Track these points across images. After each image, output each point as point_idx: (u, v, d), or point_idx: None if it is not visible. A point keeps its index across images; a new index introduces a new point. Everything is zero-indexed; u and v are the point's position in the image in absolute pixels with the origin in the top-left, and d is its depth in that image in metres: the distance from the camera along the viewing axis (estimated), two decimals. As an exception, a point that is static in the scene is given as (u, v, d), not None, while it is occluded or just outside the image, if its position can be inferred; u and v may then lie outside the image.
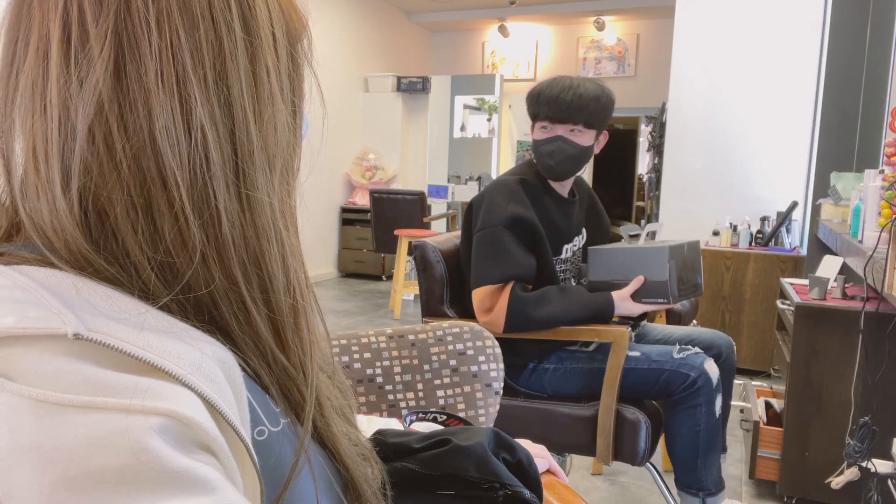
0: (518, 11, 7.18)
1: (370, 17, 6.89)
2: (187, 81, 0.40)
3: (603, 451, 1.67)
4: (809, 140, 3.79)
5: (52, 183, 0.39)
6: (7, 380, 0.33)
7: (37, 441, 0.32)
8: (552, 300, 1.70)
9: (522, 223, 1.70)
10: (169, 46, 0.40)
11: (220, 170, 0.41)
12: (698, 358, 1.66)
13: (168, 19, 0.40)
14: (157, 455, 0.33)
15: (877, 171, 2.02)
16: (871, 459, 1.67)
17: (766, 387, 2.79)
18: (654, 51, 7.11)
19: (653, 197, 5.33)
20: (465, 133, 7.31)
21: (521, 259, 1.69)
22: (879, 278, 1.62)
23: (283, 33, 0.46)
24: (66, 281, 0.39)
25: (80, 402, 0.33)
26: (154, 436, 0.33)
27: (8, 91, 0.41)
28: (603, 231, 2.02)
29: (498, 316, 1.68)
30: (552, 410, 1.73)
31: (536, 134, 1.80)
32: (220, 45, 0.42)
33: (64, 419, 0.33)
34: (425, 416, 0.67)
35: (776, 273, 3.37)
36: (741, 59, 3.90)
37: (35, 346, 0.34)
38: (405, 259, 4.81)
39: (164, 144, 0.39)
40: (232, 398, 0.39)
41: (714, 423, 1.66)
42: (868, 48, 3.31)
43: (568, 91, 1.72)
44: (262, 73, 0.44)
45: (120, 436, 0.33)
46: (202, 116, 0.40)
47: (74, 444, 0.32)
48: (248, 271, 0.44)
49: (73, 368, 0.34)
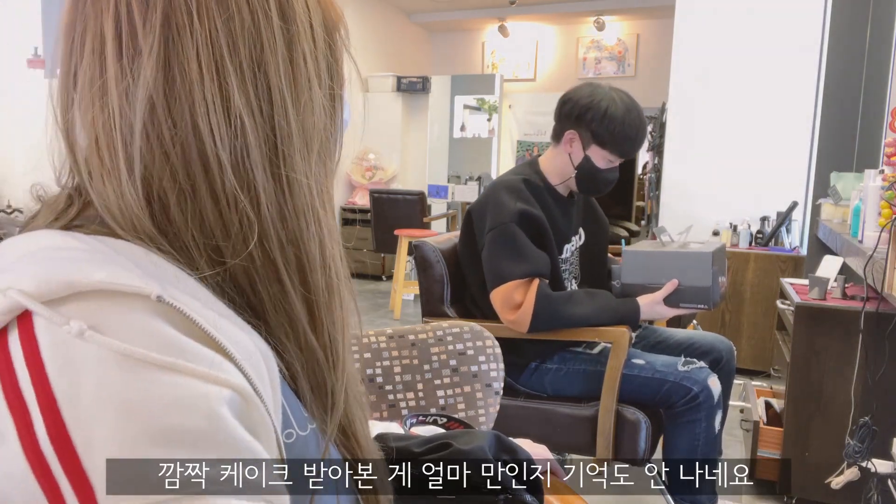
0: (518, 11, 7.17)
1: (370, 17, 6.89)
2: (225, 70, 0.42)
3: (603, 451, 1.67)
4: (809, 140, 3.78)
5: (119, 170, 0.42)
6: (96, 332, 0.34)
7: (122, 394, 0.34)
8: (580, 301, 1.71)
9: (531, 219, 1.70)
10: (208, 37, 0.42)
11: (258, 153, 0.43)
12: (702, 373, 1.65)
13: (206, 11, 0.42)
14: (228, 423, 0.35)
15: (877, 171, 2.02)
16: (871, 459, 1.67)
17: (766, 387, 2.79)
18: (654, 51, 7.11)
19: (653, 197, 5.33)
20: (465, 133, 7.31)
21: (537, 255, 1.68)
22: (879, 278, 1.62)
23: (320, 22, 0.48)
24: (140, 252, 0.41)
25: (164, 362, 0.35)
26: (225, 405, 0.36)
27: (68, 88, 0.44)
28: (601, 231, 2.01)
29: (525, 314, 1.66)
30: (552, 410, 1.73)
31: (598, 160, 1.77)
32: (258, 32, 0.44)
33: (149, 376, 0.34)
34: (426, 419, 0.67)
35: (776, 273, 3.37)
36: (741, 59, 3.89)
37: (123, 302, 0.36)
38: (405, 259, 4.81)
39: (205, 131, 0.42)
40: (270, 392, 0.41)
41: (713, 438, 1.66)
42: (868, 48, 3.31)
43: (643, 130, 1.76)
44: (298, 59, 0.46)
45: (199, 400, 0.35)
46: (239, 103, 0.42)
47: (158, 401, 0.34)
48: (285, 251, 0.45)
49: (157, 329, 0.36)
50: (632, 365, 1.68)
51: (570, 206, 1.88)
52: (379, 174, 6.67)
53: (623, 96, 1.76)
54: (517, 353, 1.75)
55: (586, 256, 1.96)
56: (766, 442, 2.20)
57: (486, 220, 1.73)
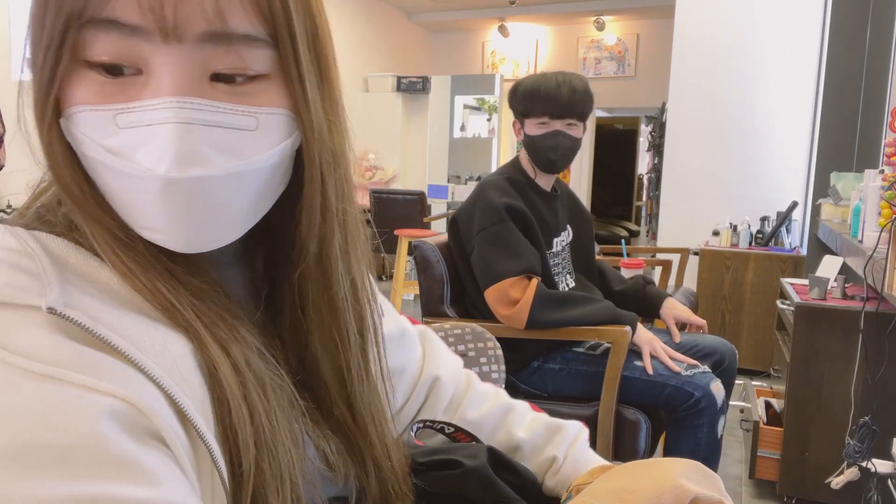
0: (518, 11, 7.17)
1: (370, 17, 6.89)
2: None
3: (603, 451, 1.67)
4: (809, 140, 3.78)
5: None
6: None
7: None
8: (577, 301, 1.72)
9: (516, 212, 1.73)
10: None
11: None
12: (705, 377, 1.65)
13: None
14: (102, 438, 0.33)
15: (877, 171, 2.03)
16: (871, 459, 1.67)
17: (766, 387, 2.79)
18: (654, 51, 7.11)
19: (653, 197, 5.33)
20: (465, 133, 7.31)
21: (529, 251, 1.71)
22: (879, 278, 1.63)
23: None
24: (75, 255, 0.40)
25: (40, 370, 0.33)
26: (104, 419, 0.33)
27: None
28: (586, 228, 2.04)
29: (522, 311, 1.67)
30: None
31: (532, 130, 1.81)
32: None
33: (24, 385, 0.33)
34: (433, 425, 0.66)
35: (776, 273, 3.37)
36: (741, 59, 3.89)
37: (16, 313, 0.36)
38: (405, 259, 4.81)
39: None
40: (204, 398, 0.40)
41: (714, 444, 1.66)
42: (868, 48, 3.31)
43: (563, 87, 1.76)
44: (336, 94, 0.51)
45: (70, 413, 0.33)
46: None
47: (26, 413, 0.32)
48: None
49: (44, 339, 0.35)
50: (633, 367, 1.68)
51: (554, 200, 1.90)
52: (379, 174, 6.67)
53: (552, 73, 1.81)
54: (518, 350, 1.75)
55: (576, 252, 1.98)
56: (766, 442, 2.20)
57: (475, 221, 1.76)
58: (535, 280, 1.69)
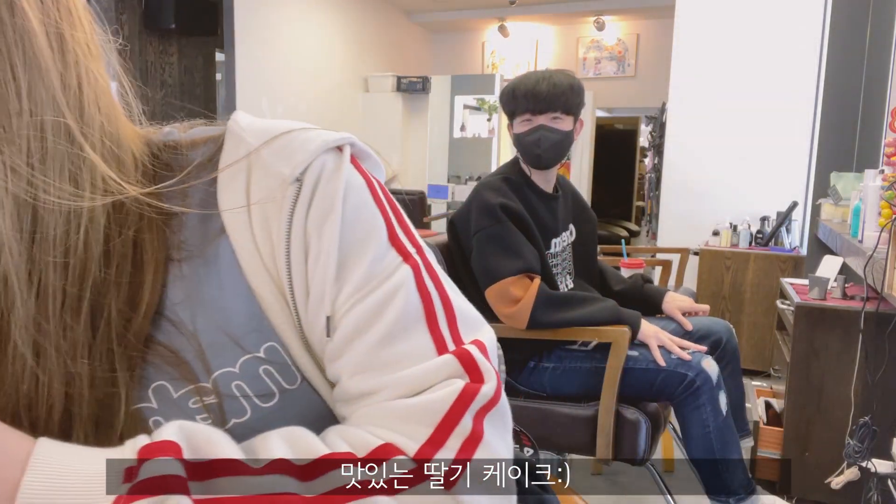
0: (518, 11, 7.17)
1: (370, 17, 6.89)
2: None
3: (603, 451, 1.67)
4: (809, 140, 3.78)
5: None
6: None
7: None
8: (580, 301, 1.72)
9: (512, 212, 1.73)
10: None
11: None
12: (695, 356, 1.66)
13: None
14: None
15: (877, 171, 2.03)
16: (871, 459, 1.67)
17: (766, 387, 2.79)
18: (654, 51, 7.10)
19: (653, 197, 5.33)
20: (465, 133, 7.30)
21: (528, 249, 1.71)
22: (879, 278, 1.63)
23: None
24: None
25: None
26: None
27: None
28: (588, 230, 2.04)
29: (523, 310, 1.67)
30: (552, 410, 1.73)
31: (518, 128, 1.83)
32: None
33: None
34: None
35: (776, 273, 3.37)
36: (741, 59, 3.89)
37: None
38: (405, 259, 4.81)
39: None
40: None
41: (723, 422, 1.65)
42: (868, 48, 3.31)
43: (542, 82, 1.77)
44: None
45: None
46: None
47: None
48: None
49: None
50: (626, 357, 1.68)
51: (554, 200, 1.89)
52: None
53: (536, 71, 1.84)
54: (514, 350, 1.75)
55: (578, 253, 1.98)
56: (766, 442, 2.20)
57: (472, 222, 1.76)
58: (537, 280, 1.69)
